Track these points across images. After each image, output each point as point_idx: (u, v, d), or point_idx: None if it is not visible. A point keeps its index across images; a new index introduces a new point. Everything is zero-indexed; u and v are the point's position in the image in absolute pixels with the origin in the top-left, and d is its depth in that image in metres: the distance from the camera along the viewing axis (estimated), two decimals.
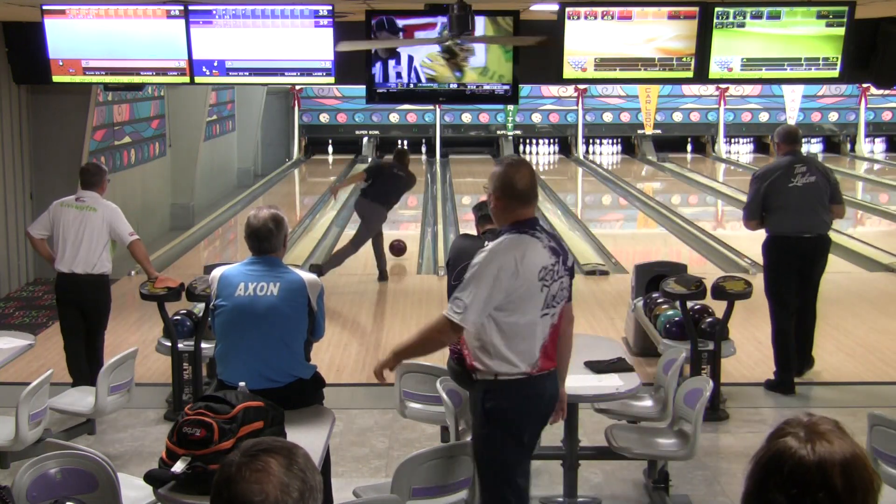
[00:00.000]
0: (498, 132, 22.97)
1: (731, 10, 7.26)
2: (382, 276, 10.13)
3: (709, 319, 6.45)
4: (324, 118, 22.91)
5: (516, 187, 3.71)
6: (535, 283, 3.65)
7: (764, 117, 22.74)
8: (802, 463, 1.75)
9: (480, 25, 7.12)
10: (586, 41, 7.29)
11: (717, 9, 7.23)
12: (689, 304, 6.44)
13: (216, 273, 4.25)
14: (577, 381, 4.71)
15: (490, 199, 3.78)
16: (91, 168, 6.59)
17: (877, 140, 23.53)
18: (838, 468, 1.73)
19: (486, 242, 4.41)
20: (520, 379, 3.67)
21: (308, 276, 4.25)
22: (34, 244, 6.55)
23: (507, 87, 7.48)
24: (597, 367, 4.87)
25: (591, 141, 23.13)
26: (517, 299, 3.62)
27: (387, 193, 10.10)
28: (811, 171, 6.67)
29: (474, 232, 5.54)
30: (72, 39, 7.54)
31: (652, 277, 7.31)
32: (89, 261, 6.29)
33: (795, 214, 6.63)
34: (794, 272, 6.73)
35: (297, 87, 21.81)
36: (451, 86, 7.47)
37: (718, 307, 6.48)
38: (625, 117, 23.00)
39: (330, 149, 23.21)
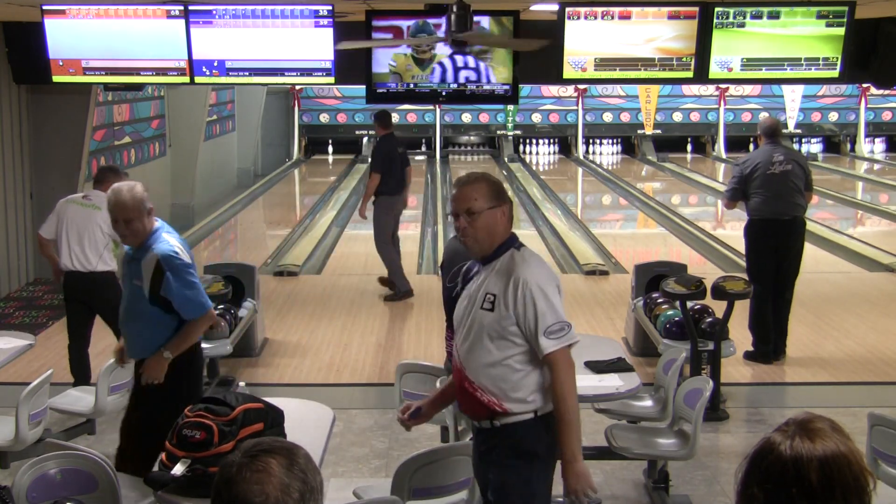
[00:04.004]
0: (498, 132, 22.98)
1: (731, 10, 7.26)
2: (386, 282, 9.38)
3: (709, 319, 6.45)
4: (324, 118, 22.91)
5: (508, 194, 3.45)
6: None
7: (764, 117, 22.72)
8: (779, 458, 1.76)
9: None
10: (586, 41, 7.29)
11: (717, 9, 7.23)
12: (689, 304, 6.44)
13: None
14: (578, 381, 4.71)
15: (494, 214, 3.32)
16: (106, 168, 6.77)
17: (877, 140, 23.54)
18: (815, 465, 1.74)
19: None
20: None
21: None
22: (41, 245, 6.58)
23: (507, 87, 7.48)
24: (597, 367, 4.86)
25: (591, 141, 23.14)
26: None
27: (402, 179, 9.32)
28: (788, 160, 7.18)
29: None
30: (72, 39, 7.54)
31: (652, 277, 7.31)
32: (90, 258, 6.32)
33: (774, 199, 7.12)
34: (772, 252, 7.21)
35: (297, 87, 21.81)
36: (452, 86, 7.47)
37: (718, 307, 6.48)
38: (625, 117, 23.00)
39: (330, 149, 23.22)
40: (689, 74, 7.48)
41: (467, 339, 3.34)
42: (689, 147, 23.38)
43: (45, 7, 7.38)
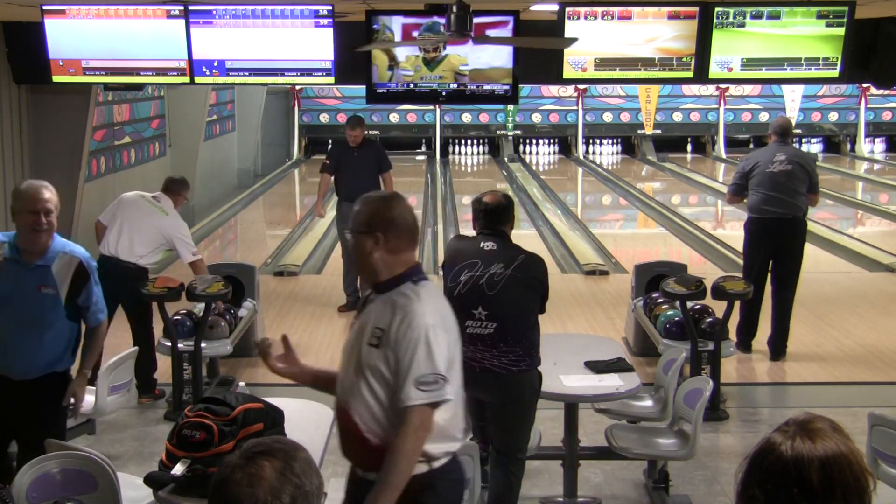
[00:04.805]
0: (498, 132, 22.98)
1: (731, 10, 7.26)
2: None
3: (709, 319, 6.46)
4: (324, 118, 22.91)
5: (414, 226, 3.04)
6: (457, 333, 3.04)
7: (764, 117, 22.73)
8: (780, 459, 1.76)
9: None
10: (586, 41, 7.28)
11: (717, 9, 7.23)
12: (689, 304, 6.44)
13: None
14: (577, 381, 4.72)
15: (362, 241, 2.97)
16: (177, 178, 7.07)
17: (877, 140, 23.53)
18: (816, 465, 1.74)
19: (483, 244, 4.42)
20: (450, 461, 2.99)
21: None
22: (98, 232, 6.67)
23: (507, 87, 7.48)
24: (597, 367, 4.87)
25: (591, 141, 23.13)
26: (455, 356, 2.97)
27: None
28: (789, 160, 7.23)
29: (473, 232, 5.52)
30: (72, 39, 7.54)
31: (652, 277, 7.31)
32: (133, 251, 6.45)
33: (769, 197, 7.20)
34: (767, 250, 7.29)
35: (297, 87, 21.80)
36: (452, 86, 7.47)
37: (718, 307, 6.48)
38: (625, 117, 23.00)
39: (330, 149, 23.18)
40: (689, 74, 7.48)
41: (349, 374, 2.99)
42: (689, 147, 23.38)
43: (45, 7, 7.38)
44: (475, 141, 23.21)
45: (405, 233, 2.98)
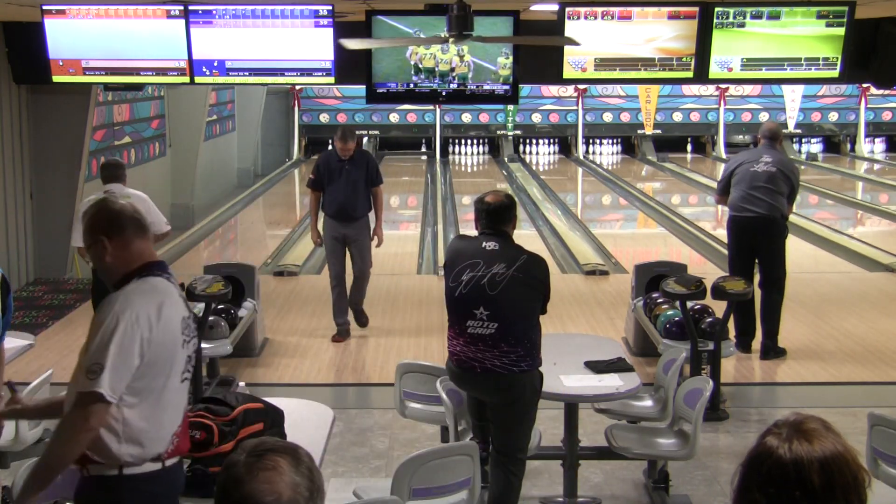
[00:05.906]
0: (498, 132, 22.98)
1: (731, 10, 7.27)
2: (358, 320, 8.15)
3: (709, 319, 6.46)
4: (324, 118, 22.91)
5: (133, 217, 3.01)
6: (177, 336, 2.93)
7: (764, 117, 22.72)
8: (779, 462, 1.76)
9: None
10: (586, 41, 7.29)
11: (717, 9, 7.24)
12: (689, 304, 6.44)
13: None
14: (577, 381, 4.72)
15: (95, 251, 2.97)
16: (112, 163, 6.91)
17: (877, 140, 23.55)
18: (816, 466, 1.74)
19: (484, 244, 4.42)
20: (152, 472, 2.87)
21: None
22: (82, 254, 6.59)
23: (507, 87, 7.48)
24: (597, 367, 4.87)
25: (591, 141, 23.15)
26: (157, 359, 2.85)
27: None
28: (774, 164, 7.17)
29: (474, 232, 5.52)
30: (72, 39, 7.54)
31: (652, 277, 7.31)
32: None
33: (748, 195, 7.18)
34: (747, 248, 7.28)
35: (297, 87, 21.81)
36: (452, 86, 7.47)
37: (718, 307, 6.48)
38: (625, 117, 23.01)
39: (330, 149, 23.17)
40: (689, 74, 7.49)
41: None
42: (689, 147, 23.39)
43: (45, 7, 7.38)
44: (475, 141, 23.23)
45: (127, 224, 2.96)
